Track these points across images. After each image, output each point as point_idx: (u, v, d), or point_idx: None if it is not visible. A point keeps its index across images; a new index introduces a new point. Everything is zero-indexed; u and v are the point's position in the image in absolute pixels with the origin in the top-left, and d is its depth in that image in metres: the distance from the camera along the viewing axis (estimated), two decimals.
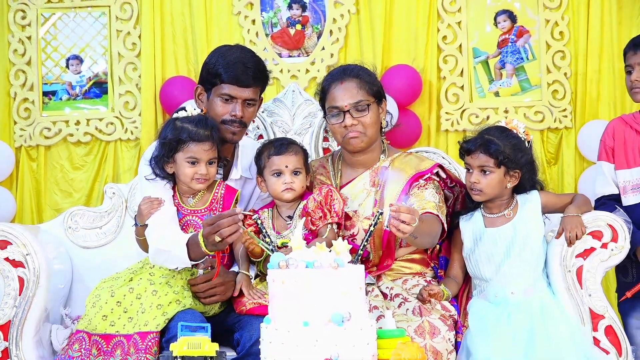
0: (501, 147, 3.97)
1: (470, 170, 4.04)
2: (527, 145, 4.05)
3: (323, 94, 4.17)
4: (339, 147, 4.28)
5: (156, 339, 3.72)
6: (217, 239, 3.60)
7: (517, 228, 4.03)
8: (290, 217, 4.04)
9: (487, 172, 4.00)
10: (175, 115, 4.05)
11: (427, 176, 4.10)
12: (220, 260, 3.84)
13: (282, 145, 4.05)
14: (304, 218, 3.95)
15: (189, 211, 4.00)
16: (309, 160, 4.22)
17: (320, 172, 4.29)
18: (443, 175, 4.18)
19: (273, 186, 4.03)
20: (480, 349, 3.75)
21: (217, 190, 4.02)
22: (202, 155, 3.91)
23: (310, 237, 3.95)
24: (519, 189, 4.08)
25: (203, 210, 3.99)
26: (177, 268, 3.90)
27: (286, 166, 4.00)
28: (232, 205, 3.95)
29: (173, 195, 4.03)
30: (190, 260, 3.82)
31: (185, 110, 4.01)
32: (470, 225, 4.10)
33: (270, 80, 4.30)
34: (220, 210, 3.96)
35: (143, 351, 3.69)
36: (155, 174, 4.01)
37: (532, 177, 4.07)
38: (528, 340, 3.78)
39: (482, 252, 4.03)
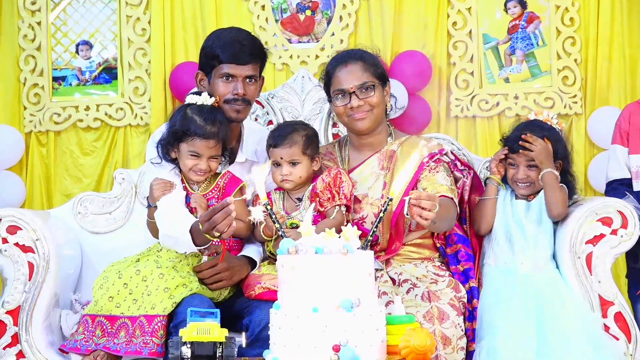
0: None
1: (516, 167, 4.09)
2: (561, 135, 4.12)
3: (328, 78, 4.18)
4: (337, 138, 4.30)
5: (163, 322, 3.72)
6: (216, 234, 3.62)
7: (530, 207, 4.08)
8: (300, 199, 4.06)
9: (533, 167, 4.06)
10: (189, 98, 4.05)
11: (436, 157, 4.10)
12: (225, 246, 3.85)
13: (278, 137, 4.05)
14: (315, 204, 3.94)
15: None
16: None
17: (328, 158, 4.29)
18: (452, 157, 4.19)
19: (273, 175, 4.07)
20: (494, 322, 3.77)
21: (220, 180, 4.03)
22: (205, 152, 3.93)
23: (319, 219, 3.95)
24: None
25: (209, 194, 4.01)
26: (186, 252, 3.90)
27: (281, 158, 4.02)
28: (234, 195, 3.95)
29: (181, 180, 4.03)
30: (196, 245, 3.83)
31: (200, 97, 4.02)
32: (500, 197, 4.15)
33: (272, 65, 4.30)
34: (220, 198, 3.96)
35: (149, 334, 3.70)
36: (161, 157, 4.02)
37: (568, 167, 4.14)
38: (537, 318, 3.79)
39: (498, 215, 4.08)
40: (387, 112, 4.24)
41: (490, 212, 4.14)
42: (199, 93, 4.07)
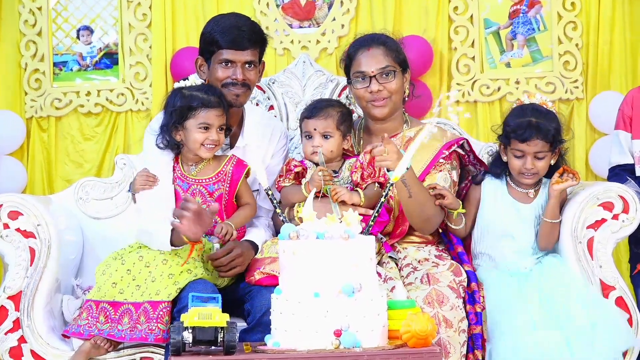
0: (552, 131, 4.01)
1: (522, 157, 4.03)
2: (559, 119, 4.10)
3: (349, 60, 4.20)
4: (357, 119, 4.28)
5: (168, 308, 3.73)
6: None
7: (535, 209, 4.06)
8: (336, 172, 4.06)
9: (542, 157, 4.02)
10: (177, 85, 4.07)
11: (452, 149, 4.11)
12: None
13: (314, 109, 4.10)
14: (324, 191, 3.94)
15: (194, 181, 4.00)
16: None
17: None
18: (467, 148, 4.19)
19: (304, 148, 4.10)
20: (507, 317, 3.78)
21: (227, 163, 4.01)
22: (214, 121, 3.93)
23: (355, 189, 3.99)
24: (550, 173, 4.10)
25: (207, 180, 3.99)
26: (159, 250, 3.90)
27: (315, 129, 4.03)
28: (242, 179, 3.95)
29: (174, 167, 4.03)
30: (173, 245, 3.83)
31: (187, 80, 4.04)
32: (494, 185, 4.12)
33: (273, 50, 4.31)
34: (228, 182, 3.96)
35: (155, 320, 3.71)
36: (162, 143, 4.00)
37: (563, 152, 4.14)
38: (543, 305, 3.80)
39: (500, 216, 4.04)
40: (405, 99, 4.24)
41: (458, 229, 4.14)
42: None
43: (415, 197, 3.89)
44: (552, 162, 4.10)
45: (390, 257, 4.01)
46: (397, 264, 4.01)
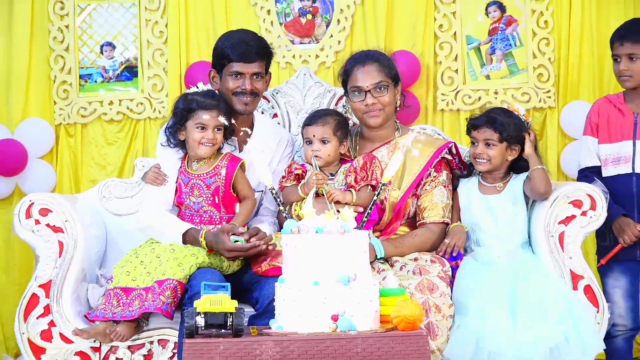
0: (504, 124, 4.00)
1: (476, 144, 4.05)
2: (527, 125, 4.08)
3: (346, 76, 4.19)
4: (354, 127, 4.28)
5: (171, 284, 3.73)
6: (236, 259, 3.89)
7: (502, 201, 4.05)
8: (332, 175, 4.07)
9: (491, 145, 4.02)
10: (186, 91, 4.13)
11: (441, 156, 4.10)
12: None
13: (313, 117, 4.12)
14: (324, 189, 3.93)
15: (194, 175, 4.01)
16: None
17: None
18: (454, 151, 4.19)
19: (305, 152, 4.11)
20: (467, 301, 3.76)
21: (222, 159, 4.03)
22: (210, 122, 3.95)
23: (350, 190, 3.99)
24: (521, 169, 4.08)
25: (205, 175, 4.01)
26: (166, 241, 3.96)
27: (314, 135, 4.04)
28: (237, 170, 3.96)
29: (181, 164, 4.06)
30: (183, 243, 3.92)
31: (197, 87, 4.06)
32: (467, 187, 4.12)
33: (277, 64, 4.33)
34: (223, 176, 3.99)
35: (158, 294, 3.71)
36: (170, 141, 4.05)
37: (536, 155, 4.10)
38: (510, 294, 3.77)
39: (474, 214, 4.04)
40: (397, 109, 4.24)
41: None
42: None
43: (408, 251, 3.98)
44: (510, 157, 4.08)
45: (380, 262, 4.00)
46: (387, 261, 4.01)
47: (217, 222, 3.98)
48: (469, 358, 3.65)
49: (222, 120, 3.92)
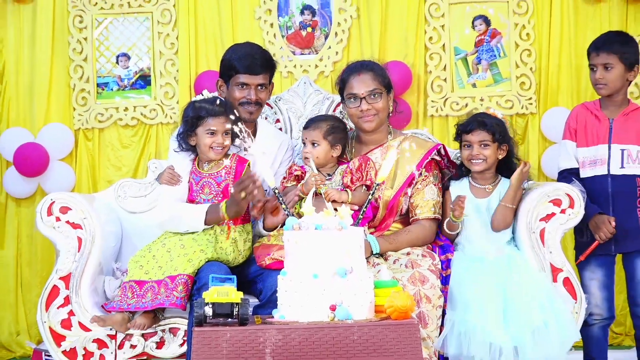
0: (495, 126, 4.01)
1: (470, 146, 4.03)
2: (505, 124, 4.09)
3: (342, 84, 4.18)
4: (350, 131, 4.28)
5: (183, 280, 3.72)
6: (243, 194, 3.73)
7: (491, 203, 4.04)
8: (330, 175, 4.06)
9: (486, 146, 4.02)
10: (193, 99, 4.10)
11: (431, 157, 4.09)
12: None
13: (309, 122, 4.12)
14: (321, 190, 3.92)
15: (205, 174, 4.00)
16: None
17: None
18: (442, 152, 4.18)
19: (302, 152, 4.10)
20: (461, 294, 3.76)
21: (231, 160, 4.02)
22: (219, 127, 3.94)
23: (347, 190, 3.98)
24: (507, 172, 4.07)
25: (215, 174, 4.00)
26: (186, 231, 3.92)
27: (306, 138, 4.03)
28: (244, 172, 3.96)
29: (192, 166, 4.05)
30: (205, 224, 3.88)
31: (203, 95, 4.05)
32: (459, 188, 4.11)
33: (279, 73, 4.32)
34: (232, 175, 3.99)
35: (171, 290, 3.71)
36: (182, 146, 4.03)
37: (513, 151, 4.09)
38: (498, 288, 3.78)
39: (465, 214, 4.03)
40: (390, 115, 4.23)
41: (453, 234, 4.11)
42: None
43: (402, 247, 3.96)
44: (500, 156, 4.07)
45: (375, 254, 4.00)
46: (382, 255, 4.00)
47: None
48: (465, 351, 3.65)
49: (230, 125, 3.91)
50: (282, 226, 3.92)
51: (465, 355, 3.67)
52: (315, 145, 4.04)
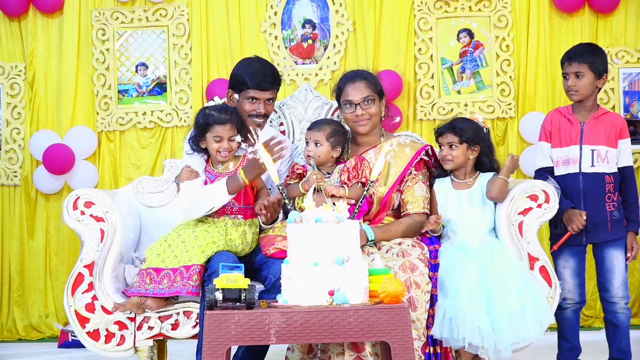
0: (463, 129, 3.98)
1: (442, 147, 4.04)
2: (484, 131, 4.05)
3: (339, 91, 4.16)
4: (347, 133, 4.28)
5: (197, 270, 3.71)
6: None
7: (473, 194, 4.03)
8: (329, 173, 4.04)
9: (454, 147, 4.00)
10: (206, 105, 4.07)
11: (420, 157, 4.08)
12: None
13: (314, 123, 4.11)
14: (319, 189, 3.91)
15: (218, 173, 3.99)
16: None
17: None
18: (431, 153, 4.16)
19: (305, 150, 4.08)
20: (451, 282, 3.75)
21: (242, 161, 4.01)
22: (224, 134, 3.92)
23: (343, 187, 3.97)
24: (483, 167, 4.05)
25: (228, 173, 3.97)
26: (212, 209, 3.89)
27: (310, 138, 4.03)
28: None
29: (206, 165, 4.04)
30: (229, 194, 3.85)
31: (214, 101, 4.04)
32: (442, 185, 4.10)
33: (283, 81, 4.30)
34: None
35: (187, 279, 3.70)
36: (193, 149, 4.02)
37: (489, 155, 4.06)
38: (481, 274, 3.77)
39: (450, 207, 4.02)
40: (382, 119, 4.22)
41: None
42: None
43: (394, 237, 3.94)
44: (471, 156, 4.05)
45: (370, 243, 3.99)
46: (375, 245, 3.99)
47: (237, 212, 3.95)
48: (455, 334, 3.64)
49: (234, 132, 3.91)
50: (285, 219, 3.91)
51: (456, 338, 3.67)
52: (318, 145, 4.03)
